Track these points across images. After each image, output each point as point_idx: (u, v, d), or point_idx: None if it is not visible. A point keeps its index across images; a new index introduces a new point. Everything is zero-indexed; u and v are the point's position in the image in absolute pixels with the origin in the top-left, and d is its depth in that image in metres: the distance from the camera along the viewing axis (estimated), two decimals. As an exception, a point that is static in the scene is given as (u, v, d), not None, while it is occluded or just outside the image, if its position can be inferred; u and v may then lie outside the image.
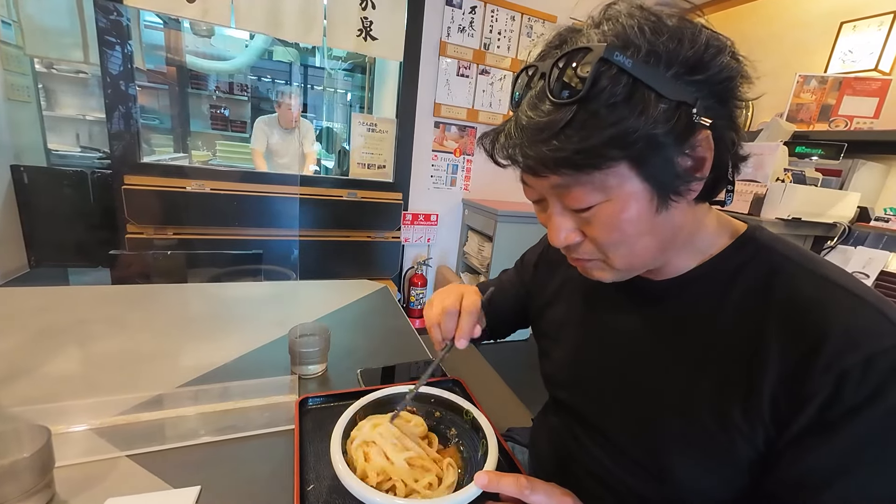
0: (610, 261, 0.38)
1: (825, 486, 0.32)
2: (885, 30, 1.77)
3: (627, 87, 0.30)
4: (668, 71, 0.31)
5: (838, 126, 1.77)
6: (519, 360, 2.30)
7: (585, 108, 0.31)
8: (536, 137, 0.33)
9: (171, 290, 1.05)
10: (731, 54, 0.34)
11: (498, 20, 2.36)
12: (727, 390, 0.37)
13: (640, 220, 0.35)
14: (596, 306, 0.51)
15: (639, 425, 0.43)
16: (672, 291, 0.43)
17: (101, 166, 2.50)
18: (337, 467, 0.40)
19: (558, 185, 0.35)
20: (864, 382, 0.30)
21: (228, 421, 0.57)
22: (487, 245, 2.32)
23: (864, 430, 0.31)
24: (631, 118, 0.30)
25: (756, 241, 0.41)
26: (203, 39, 3.32)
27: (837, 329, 0.32)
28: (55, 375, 0.64)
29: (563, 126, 0.31)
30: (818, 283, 0.35)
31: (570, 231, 0.38)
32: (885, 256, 1.39)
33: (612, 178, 0.33)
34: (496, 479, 0.37)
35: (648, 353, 0.44)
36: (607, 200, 0.34)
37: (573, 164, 0.32)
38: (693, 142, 0.33)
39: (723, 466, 0.37)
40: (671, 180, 0.34)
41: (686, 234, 0.40)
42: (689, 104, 0.32)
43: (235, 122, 3.87)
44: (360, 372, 0.72)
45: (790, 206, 1.46)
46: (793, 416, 0.33)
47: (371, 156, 2.34)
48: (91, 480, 0.46)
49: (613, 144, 0.31)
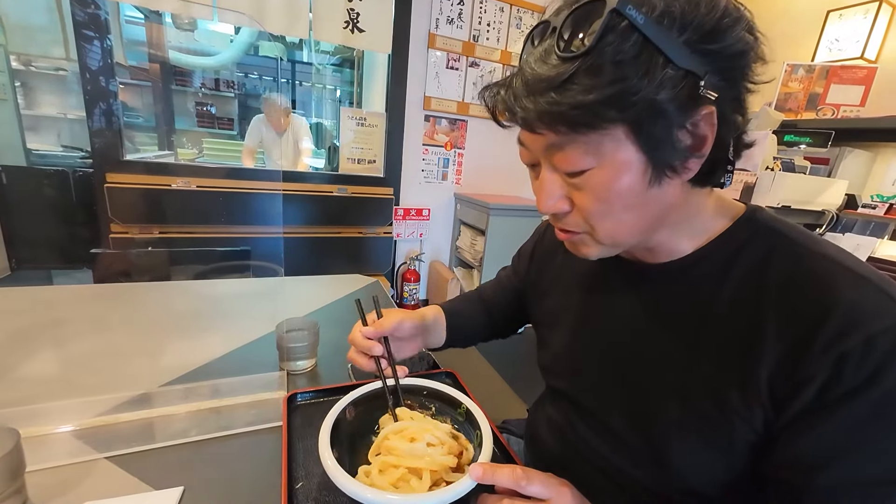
0: (595, 233, 0.38)
1: (822, 467, 0.32)
2: (870, 18, 1.78)
3: (636, 46, 0.29)
4: (680, 35, 0.30)
5: (826, 114, 1.78)
6: (514, 353, 2.30)
7: (590, 61, 0.30)
8: (535, 89, 0.32)
9: (155, 288, 1.02)
10: (748, 28, 0.32)
11: (487, 11, 2.33)
12: (725, 373, 0.36)
13: (630, 192, 0.34)
14: (593, 292, 0.50)
15: (636, 411, 0.42)
16: (670, 275, 0.42)
17: (84, 165, 2.44)
18: (326, 463, 0.39)
19: (552, 144, 0.34)
20: (864, 364, 0.30)
21: (214, 419, 0.55)
22: (480, 239, 2.31)
23: (861, 411, 0.30)
24: (634, 78, 0.29)
25: (756, 221, 0.40)
26: (186, 34, 3.24)
27: (837, 308, 0.31)
28: (31, 378, 0.62)
29: (564, 80, 0.30)
30: (818, 261, 0.35)
31: (559, 198, 0.37)
32: (873, 242, 1.41)
33: (607, 141, 0.32)
34: (491, 471, 0.36)
35: (646, 338, 0.43)
36: (599, 167, 0.33)
37: (569, 121, 0.31)
38: (696, 117, 0.32)
39: (721, 450, 0.37)
40: (668, 153, 0.33)
41: (679, 216, 0.39)
42: (697, 75, 0.30)
43: (222, 119, 3.80)
44: (350, 366, 0.70)
45: (779, 194, 1.47)
46: (791, 398, 0.33)
47: (361, 151, 2.31)
48: (67, 484, 0.44)
49: (612, 104, 0.30)
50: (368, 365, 0.51)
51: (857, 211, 1.58)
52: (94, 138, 1.78)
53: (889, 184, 1.72)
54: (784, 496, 0.34)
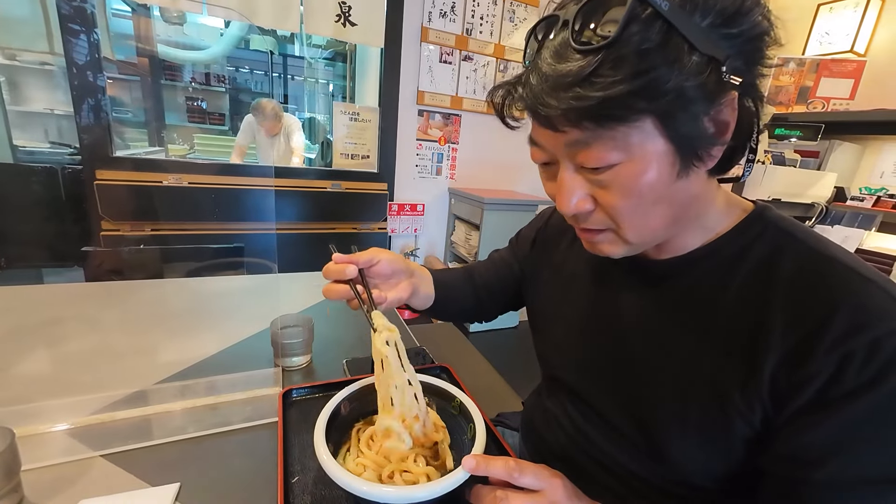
0: (622, 231, 0.36)
1: (820, 463, 0.32)
2: (860, 11, 1.80)
3: (661, 34, 0.28)
4: (703, 20, 0.29)
5: (816, 108, 1.80)
6: (508, 347, 2.32)
7: (614, 53, 0.29)
8: (559, 84, 0.30)
9: (148, 285, 1.01)
10: (765, 11, 0.32)
11: (480, 4, 2.32)
12: (728, 370, 0.36)
13: (659, 185, 0.33)
14: (596, 285, 0.50)
15: (636, 405, 0.43)
16: (676, 270, 0.42)
17: (73, 162, 2.40)
18: (321, 457, 0.39)
19: (577, 141, 0.33)
20: (868, 365, 0.30)
21: (209, 416, 0.56)
22: (475, 233, 2.31)
23: (862, 411, 0.30)
24: (662, 67, 0.28)
25: (763, 219, 0.40)
26: (175, 27, 3.19)
27: (844, 309, 0.31)
28: (26, 376, 0.62)
29: (589, 73, 0.29)
30: (824, 262, 0.35)
31: (582, 197, 0.36)
32: (861, 234, 1.43)
33: (635, 134, 0.31)
34: (484, 463, 0.37)
35: (649, 333, 0.43)
36: (628, 160, 0.32)
37: (597, 117, 0.30)
38: (720, 103, 0.31)
39: (720, 445, 0.37)
40: (696, 142, 0.32)
41: (698, 208, 0.39)
42: (719, 61, 0.30)
43: (213, 114, 3.75)
44: (345, 362, 0.71)
45: (770, 187, 1.48)
46: (792, 395, 0.33)
47: (354, 146, 2.30)
48: (63, 482, 0.44)
49: (642, 95, 0.29)
50: (343, 292, 0.46)
51: (845, 203, 1.60)
52: (82, 134, 1.76)
53: (877, 176, 1.75)
54: (782, 490, 0.34)
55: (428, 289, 0.57)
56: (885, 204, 1.50)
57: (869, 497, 0.31)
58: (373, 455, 0.42)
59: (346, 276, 0.46)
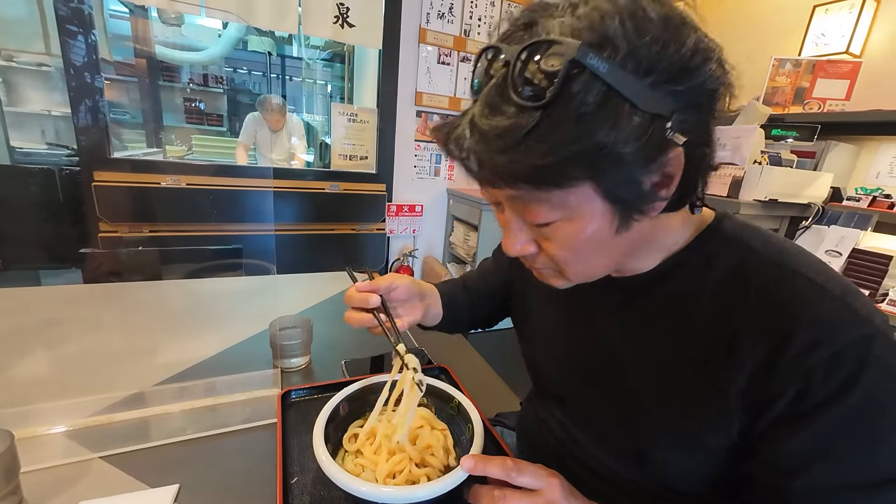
0: (565, 273, 0.38)
1: (799, 472, 0.32)
2: (855, 12, 1.81)
3: (600, 96, 0.26)
4: (647, 78, 0.27)
5: (812, 108, 1.81)
6: (507, 347, 2.32)
7: (550, 115, 0.27)
8: (493, 147, 0.29)
9: (146, 287, 1.01)
10: (718, 62, 0.30)
11: (478, 6, 2.32)
12: (701, 383, 0.37)
13: (598, 241, 0.34)
14: (570, 301, 0.50)
15: (619, 413, 0.43)
16: (646, 284, 0.42)
17: (70, 163, 2.40)
18: (320, 458, 0.39)
19: (514, 196, 0.32)
20: (832, 378, 0.30)
21: (208, 417, 0.56)
22: (473, 234, 2.31)
23: (833, 421, 0.31)
24: (600, 133, 0.27)
25: (722, 232, 0.39)
26: (173, 28, 3.19)
27: (803, 324, 0.32)
28: (24, 379, 0.62)
29: (523, 135, 0.27)
30: (784, 275, 0.35)
31: (526, 242, 0.37)
32: (857, 234, 1.44)
33: (572, 197, 0.30)
34: (482, 463, 0.37)
35: (622, 349, 0.43)
36: (566, 219, 0.32)
37: (531, 181, 0.29)
38: (663, 160, 0.30)
39: (699, 455, 0.38)
40: (635, 201, 0.31)
41: (646, 242, 0.39)
42: (665, 117, 0.28)
43: (211, 115, 3.74)
44: (344, 363, 0.71)
45: (767, 187, 1.49)
46: (765, 409, 0.33)
47: (353, 147, 2.30)
48: (62, 484, 0.44)
49: (578, 162, 0.28)
50: (366, 321, 0.48)
51: (841, 203, 1.61)
52: (80, 136, 1.75)
53: (873, 176, 1.76)
54: (766, 495, 0.35)
55: (437, 307, 0.60)
56: (881, 204, 1.51)
57: (852, 502, 0.32)
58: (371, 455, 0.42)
59: (369, 305, 0.48)
